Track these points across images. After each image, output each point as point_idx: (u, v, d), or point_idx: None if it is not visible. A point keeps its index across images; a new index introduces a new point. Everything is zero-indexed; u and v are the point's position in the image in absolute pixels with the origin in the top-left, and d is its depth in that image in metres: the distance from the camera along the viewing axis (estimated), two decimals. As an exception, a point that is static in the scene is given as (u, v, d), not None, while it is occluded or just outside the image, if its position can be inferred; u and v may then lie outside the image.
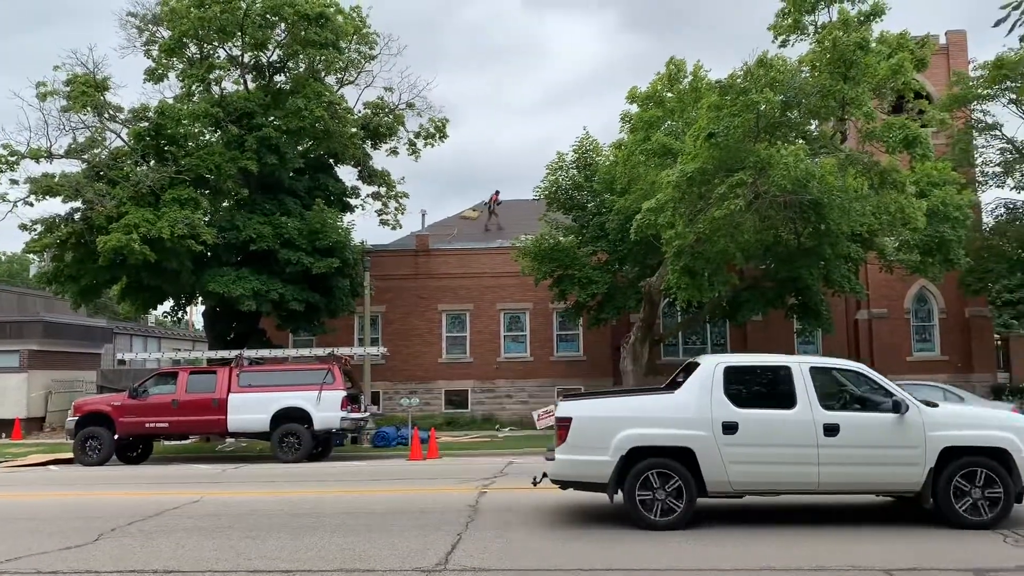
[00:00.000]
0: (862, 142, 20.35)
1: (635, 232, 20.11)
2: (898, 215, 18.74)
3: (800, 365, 9.61)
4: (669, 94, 22.25)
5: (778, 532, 9.07)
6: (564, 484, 9.94)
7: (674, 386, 10.49)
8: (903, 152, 19.65)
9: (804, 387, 9.35)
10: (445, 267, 31.83)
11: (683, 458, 9.26)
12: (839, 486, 9.40)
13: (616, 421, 9.48)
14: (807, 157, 17.35)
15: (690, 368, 10.28)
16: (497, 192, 36.52)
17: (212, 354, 24.01)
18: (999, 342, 33.43)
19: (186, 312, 30.34)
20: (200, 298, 26.85)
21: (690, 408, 9.41)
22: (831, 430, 9.10)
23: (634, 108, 23.14)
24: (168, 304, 28.51)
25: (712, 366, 9.67)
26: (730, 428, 9.21)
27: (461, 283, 31.54)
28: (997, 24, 5.07)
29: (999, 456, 8.94)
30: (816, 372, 9.57)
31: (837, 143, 20.26)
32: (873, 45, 18.48)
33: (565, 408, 9.77)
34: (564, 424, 9.57)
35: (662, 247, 19.99)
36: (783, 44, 20.45)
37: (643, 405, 9.86)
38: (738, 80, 18.20)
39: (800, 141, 19.14)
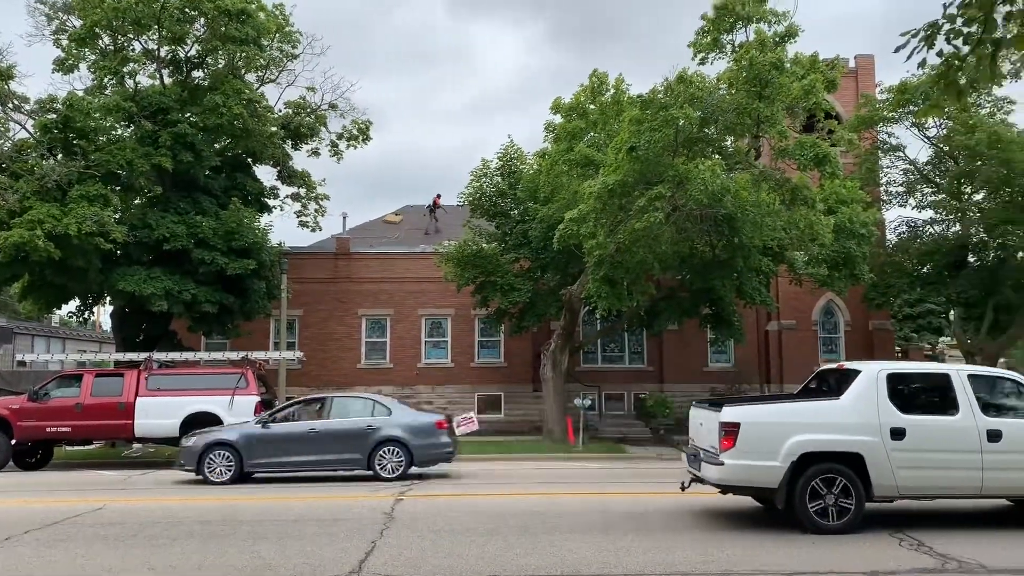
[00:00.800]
0: (775, 159, 21.08)
1: (557, 241, 20.35)
2: (807, 231, 19.47)
3: (959, 372, 9.97)
4: (592, 106, 22.62)
5: (687, 535, 9.27)
6: (727, 489, 10.05)
7: (810, 392, 10.75)
8: (813, 170, 20.46)
9: (965, 394, 9.65)
10: (366, 271, 31.46)
11: (852, 463, 9.42)
12: (1002, 491, 9.87)
13: (785, 427, 9.55)
14: (723, 172, 17.89)
15: (828, 375, 10.61)
16: (439, 196, 36.18)
17: (120, 356, 23.15)
18: (900, 354, 34.99)
19: (93, 312, 29.19)
20: (108, 298, 25.85)
21: (857, 414, 9.54)
22: (994, 436, 9.45)
23: (558, 118, 23.44)
24: (74, 303, 27.34)
25: (875, 372, 9.83)
26: (898, 434, 9.42)
27: (382, 287, 31.24)
28: (897, 50, 5.37)
29: None
30: (973, 379, 9.88)
31: (751, 159, 20.94)
32: (787, 66, 19.17)
33: (732, 413, 9.71)
34: (731, 430, 9.54)
35: (583, 256, 20.27)
36: (702, 62, 21.04)
37: (809, 411, 9.93)
38: (659, 95, 18.64)
39: (717, 156, 19.74)
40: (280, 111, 28.46)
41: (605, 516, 10.77)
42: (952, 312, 28.54)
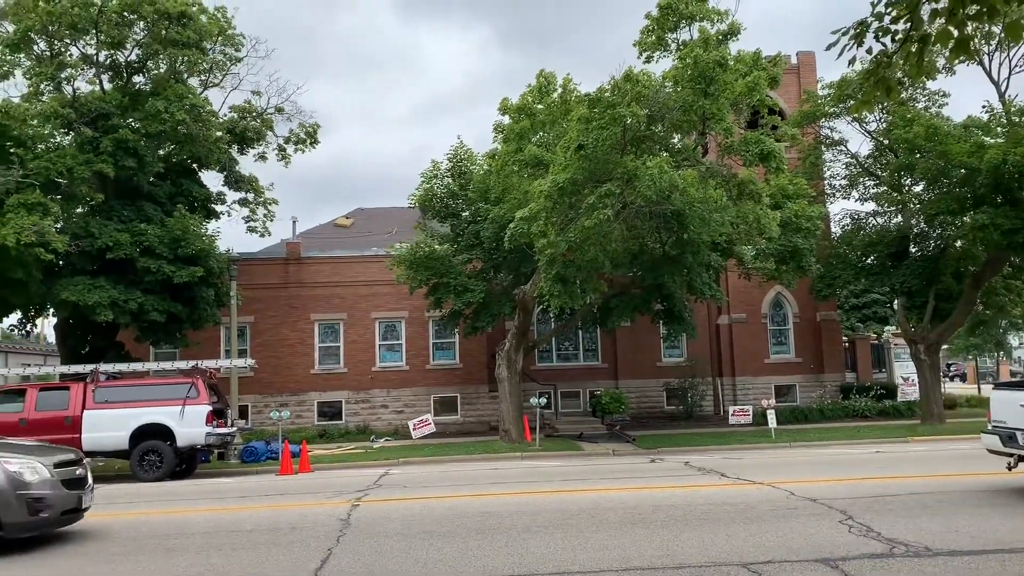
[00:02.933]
0: (721, 156, 21.39)
1: (509, 240, 20.37)
2: (755, 225, 19.79)
3: None
4: (540, 106, 22.67)
5: (628, 530, 9.37)
6: None
7: None
8: (759, 165, 20.81)
9: None
10: (318, 275, 31.14)
11: None
12: None
13: None
14: (671, 169, 18.07)
15: None
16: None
17: (65, 369, 22.60)
18: (847, 344, 35.79)
19: (36, 324, 28.40)
20: (51, 309, 25.20)
21: None
22: None
23: (507, 119, 23.45)
24: (15, 316, 26.57)
25: None
26: None
27: (334, 292, 30.96)
28: (828, 48, 5.49)
29: None
30: None
31: (699, 156, 21.21)
32: (731, 63, 19.44)
33: None
34: None
35: (535, 255, 20.33)
36: (648, 60, 21.25)
37: None
38: (606, 94, 18.76)
39: (664, 154, 19.94)
40: (225, 115, 28.02)
41: (563, 514, 10.82)
42: (896, 301, 29.21)
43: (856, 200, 29.93)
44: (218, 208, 29.20)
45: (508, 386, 24.03)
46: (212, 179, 29.31)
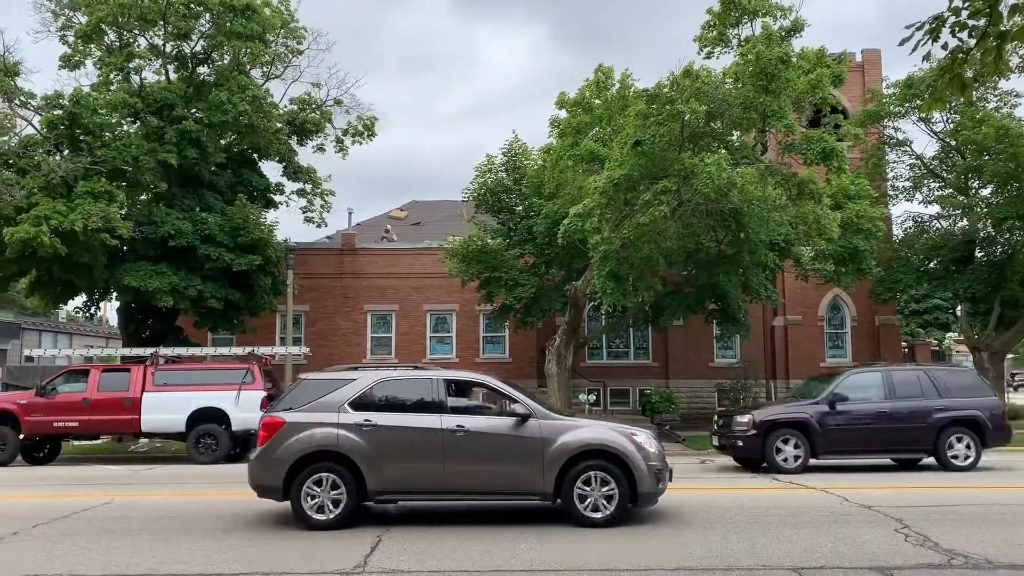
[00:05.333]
0: (781, 154, 21.00)
1: (562, 236, 20.31)
2: (814, 225, 19.40)
3: None
4: (597, 101, 22.52)
5: (674, 532, 9.27)
6: None
7: None
8: (820, 164, 20.37)
9: None
10: (372, 267, 31.52)
11: None
12: None
13: None
14: (729, 167, 17.81)
15: None
16: (388, 229, 35.66)
17: (127, 352, 23.29)
18: (906, 349, 34.93)
19: (99, 308, 29.30)
20: (115, 293, 25.96)
21: None
22: None
23: (563, 114, 23.36)
24: (80, 299, 27.46)
25: None
26: None
27: (388, 283, 31.29)
28: (902, 43, 5.33)
29: None
30: None
31: (758, 154, 20.87)
32: (793, 60, 19.07)
33: None
34: None
35: (588, 252, 20.24)
36: (708, 56, 20.95)
37: None
38: (664, 90, 18.56)
39: (723, 151, 19.65)
40: (285, 107, 28.50)
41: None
42: (959, 308, 28.42)
43: (920, 202, 29.22)
44: (276, 198, 29.73)
45: (557, 382, 23.98)
46: (271, 169, 29.94)
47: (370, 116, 29.60)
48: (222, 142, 26.59)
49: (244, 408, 19.31)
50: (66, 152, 23.20)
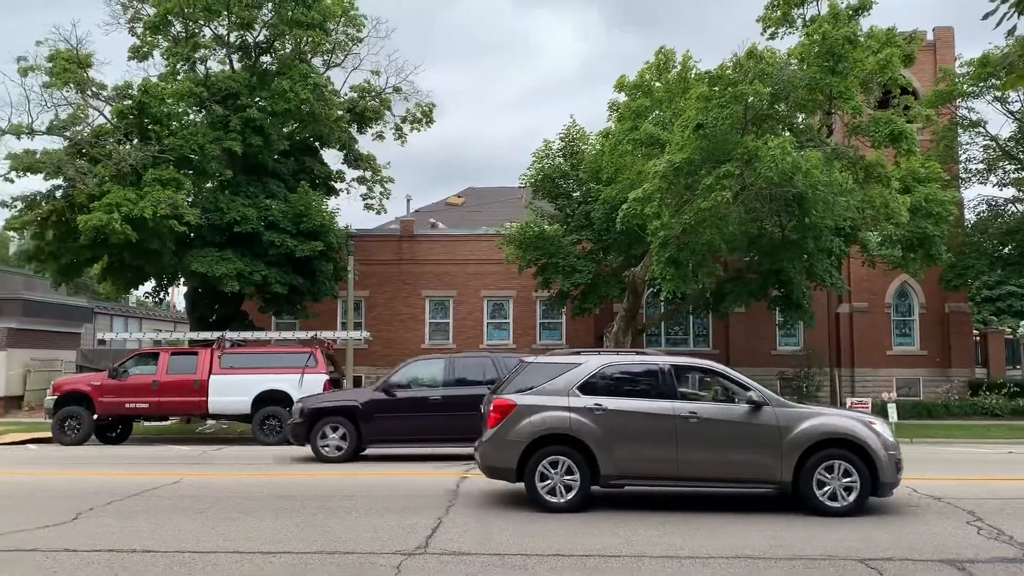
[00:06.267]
0: (848, 136, 20.43)
1: (621, 222, 20.12)
2: (882, 210, 18.85)
3: None
4: (657, 84, 22.22)
5: (743, 520, 9.13)
6: None
7: None
8: (888, 147, 19.75)
9: None
10: (430, 253, 31.76)
11: None
12: None
13: None
14: (794, 150, 17.40)
15: None
16: (432, 223, 35.51)
17: (194, 335, 23.90)
18: (977, 338, 33.75)
19: (168, 293, 30.08)
20: (182, 279, 26.66)
21: None
22: None
23: (622, 97, 23.10)
24: (150, 284, 28.28)
25: None
26: None
27: (445, 269, 31.50)
28: (986, 17, 5.08)
29: None
30: None
31: (823, 137, 20.34)
32: (861, 39, 18.52)
33: None
34: None
35: (647, 237, 20.02)
36: (772, 37, 20.50)
37: None
38: (727, 71, 18.23)
39: (787, 134, 19.24)
40: (345, 95, 28.83)
41: (674, 500, 10.66)
42: (1035, 295, 27.37)
43: (994, 185, 28.20)
44: (337, 185, 30.16)
45: (616, 368, 23.82)
46: (332, 157, 30.22)
47: (428, 103, 29.79)
48: (284, 130, 27.03)
49: (307, 391, 19.64)
50: (136, 141, 23.85)
